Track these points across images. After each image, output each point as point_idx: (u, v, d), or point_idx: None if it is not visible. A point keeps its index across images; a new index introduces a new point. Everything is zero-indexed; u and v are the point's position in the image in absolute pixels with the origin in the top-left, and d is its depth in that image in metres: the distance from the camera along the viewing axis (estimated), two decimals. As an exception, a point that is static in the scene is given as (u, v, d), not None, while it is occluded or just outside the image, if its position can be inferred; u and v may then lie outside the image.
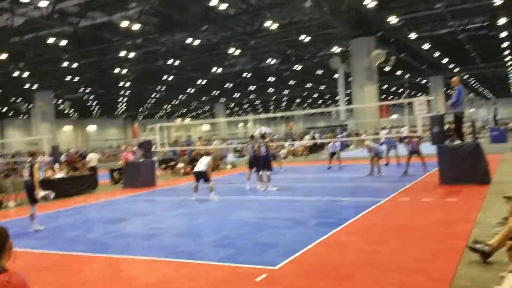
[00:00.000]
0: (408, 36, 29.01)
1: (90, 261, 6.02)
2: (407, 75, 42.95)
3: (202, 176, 11.05)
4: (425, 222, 6.77)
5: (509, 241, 3.88)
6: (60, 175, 14.33)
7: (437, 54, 35.15)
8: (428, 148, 13.30)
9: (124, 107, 59.15)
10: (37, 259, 6.34)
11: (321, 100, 66.96)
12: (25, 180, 8.73)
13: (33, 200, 8.51)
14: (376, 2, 20.02)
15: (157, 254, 5.96)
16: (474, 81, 54.08)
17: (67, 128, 61.71)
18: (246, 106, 69.45)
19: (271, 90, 51.97)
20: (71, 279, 5.28)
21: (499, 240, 4.43)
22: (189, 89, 47.47)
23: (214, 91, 50.66)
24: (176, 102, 57.64)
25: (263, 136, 13.13)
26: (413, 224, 6.73)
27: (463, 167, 9.94)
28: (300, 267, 5.01)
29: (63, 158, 19.06)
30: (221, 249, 6.01)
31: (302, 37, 26.45)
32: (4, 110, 51.21)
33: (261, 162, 12.14)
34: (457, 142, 10.51)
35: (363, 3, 20.20)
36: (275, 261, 5.19)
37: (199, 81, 42.66)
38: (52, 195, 9.52)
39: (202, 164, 11.23)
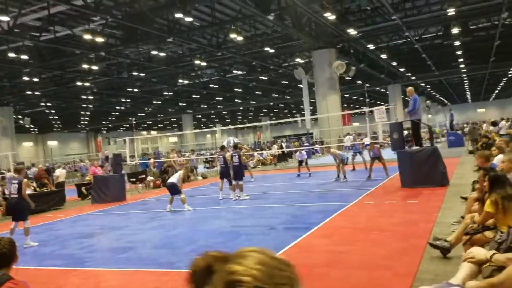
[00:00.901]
0: (367, 47, 30.26)
1: (70, 274, 6.10)
2: (367, 84, 44.53)
3: (174, 188, 11.21)
4: (389, 222, 7.26)
5: (464, 236, 4.33)
6: (28, 191, 14.01)
7: (394, 63, 36.71)
8: (389, 154, 14.02)
9: (87, 121, 57.95)
10: (16, 274, 6.33)
11: (287, 110, 68.05)
12: (12, 197, 8.68)
13: (23, 216, 8.48)
14: (335, 16, 20.85)
15: (137, 266, 6.11)
16: (430, 88, 56.63)
17: (27, 144, 59.71)
18: (213, 117, 69.56)
19: (238, 100, 52.43)
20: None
21: (456, 237, 4.89)
22: (155, 101, 47.19)
23: (181, 103, 50.56)
24: (142, 114, 57.08)
25: (235, 146, 13.42)
26: (378, 225, 7.19)
27: (422, 170, 10.59)
28: (276, 270, 5.31)
29: (31, 173, 18.62)
30: (199, 257, 6.22)
31: (266, 48, 27.06)
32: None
33: (234, 172, 12.41)
34: (415, 147, 11.19)
35: (324, 16, 20.98)
36: (253, 265, 5.46)
37: (165, 93, 42.55)
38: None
39: (173, 177, 11.46)
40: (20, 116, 42.63)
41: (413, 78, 43.88)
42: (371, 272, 4.88)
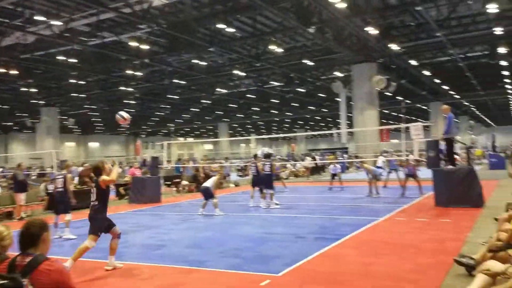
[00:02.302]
0: (409, 63, 29.79)
1: (104, 266, 6.45)
2: (408, 101, 43.69)
3: (207, 192, 11.52)
4: (419, 239, 7.21)
5: (488, 253, 4.32)
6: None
7: (437, 80, 35.89)
8: (425, 172, 13.77)
9: (128, 124, 59.79)
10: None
11: (323, 123, 67.67)
12: (58, 191, 9.25)
13: (67, 208, 9.07)
14: (377, 31, 20.77)
15: (167, 262, 6.40)
16: (474, 108, 54.85)
17: (70, 144, 62.35)
18: (249, 126, 70.18)
19: (274, 111, 52.72)
20: (87, 281, 5.72)
21: (482, 254, 4.86)
22: (193, 109, 48.23)
23: (218, 111, 51.41)
24: (180, 121, 58.43)
25: (268, 155, 13.61)
26: (407, 241, 7.16)
27: (458, 190, 10.38)
28: (300, 275, 5.44)
29: (75, 172, 19.55)
30: (228, 259, 6.44)
31: (305, 61, 27.21)
32: (9, 125, 51.96)
33: (264, 181, 12.60)
34: (449, 166, 10.99)
35: (366, 30, 20.95)
36: (278, 269, 5.63)
37: (203, 101, 43.44)
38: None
39: (208, 182, 11.81)
40: (64, 117, 44.66)
41: (456, 96, 42.67)
42: (394, 283, 4.92)
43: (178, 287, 5.27)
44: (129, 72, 27.35)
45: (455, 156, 12.36)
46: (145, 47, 22.03)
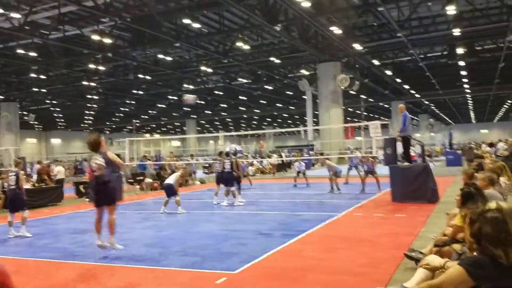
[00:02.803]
0: (372, 62, 30.53)
1: (60, 267, 6.31)
2: (371, 99, 44.76)
3: (170, 190, 11.43)
4: (373, 234, 7.44)
5: (434, 247, 4.52)
6: (26, 186, 14.27)
7: (399, 80, 36.95)
8: (384, 169, 14.18)
9: (91, 120, 58.42)
10: (6, 263, 6.55)
11: (291, 120, 68.33)
12: (11, 188, 8.93)
13: (22, 205, 8.78)
14: (341, 30, 21.16)
15: (124, 262, 6.32)
16: (434, 106, 56.80)
17: (31, 140, 60.21)
18: (217, 123, 69.92)
19: (242, 108, 52.77)
20: (42, 283, 5.57)
21: (430, 249, 5.08)
22: (159, 104, 47.60)
23: (185, 108, 50.98)
24: (146, 117, 57.52)
25: (227, 154, 13.64)
26: (362, 236, 7.38)
27: (413, 186, 10.77)
28: (257, 271, 5.52)
29: (33, 169, 18.92)
30: (186, 257, 6.43)
31: (272, 58, 27.39)
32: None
33: (224, 179, 12.65)
34: (406, 163, 11.38)
35: (330, 30, 21.29)
36: (235, 266, 5.68)
37: (170, 97, 42.95)
38: None
39: (170, 178, 11.69)
40: (25, 112, 43.13)
41: (417, 95, 44.07)
42: (346, 277, 5.07)
43: (134, 287, 5.21)
44: (92, 66, 26.70)
45: (412, 154, 12.81)
46: (108, 41, 21.55)
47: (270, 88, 39.62)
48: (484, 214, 2.21)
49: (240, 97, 44.72)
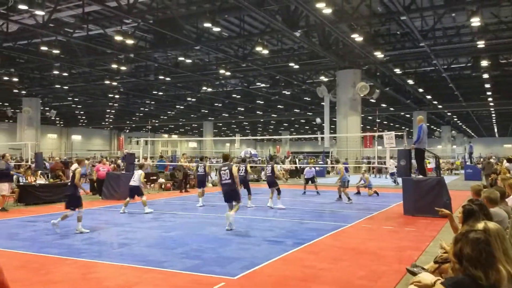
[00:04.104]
0: (394, 71, 30.11)
1: (62, 263, 6.37)
2: (392, 108, 44.19)
3: (134, 191, 11.71)
4: (379, 246, 7.29)
5: (433, 264, 4.38)
6: (41, 181, 14.56)
7: (421, 90, 36.34)
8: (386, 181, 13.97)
9: (112, 119, 59.35)
10: (11, 258, 6.66)
11: (308, 126, 68.00)
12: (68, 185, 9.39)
13: (77, 203, 8.96)
14: (363, 38, 20.93)
15: (126, 261, 6.34)
16: (457, 118, 55.67)
17: (52, 135, 61.51)
18: (234, 126, 70.12)
19: (259, 112, 52.79)
20: (42, 278, 5.63)
21: (431, 265, 4.93)
22: (178, 106, 48.02)
23: (203, 110, 51.31)
24: (165, 118, 58.11)
25: (244, 160, 13.67)
26: (367, 248, 7.23)
27: (426, 200, 10.53)
28: (256, 278, 5.45)
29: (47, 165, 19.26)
30: (187, 260, 6.41)
31: (291, 64, 27.30)
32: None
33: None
34: (420, 176, 11.14)
35: (351, 37, 21.09)
36: (235, 272, 5.63)
37: (189, 98, 43.27)
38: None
39: (134, 179, 12.04)
40: (47, 108, 44.06)
41: (439, 106, 43.28)
42: (345, 291, 4.96)
43: (131, 287, 5.22)
44: (114, 66, 27.08)
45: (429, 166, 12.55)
46: (130, 41, 21.85)
47: (288, 93, 39.49)
48: (467, 234, 2.16)
49: (258, 101, 44.73)
